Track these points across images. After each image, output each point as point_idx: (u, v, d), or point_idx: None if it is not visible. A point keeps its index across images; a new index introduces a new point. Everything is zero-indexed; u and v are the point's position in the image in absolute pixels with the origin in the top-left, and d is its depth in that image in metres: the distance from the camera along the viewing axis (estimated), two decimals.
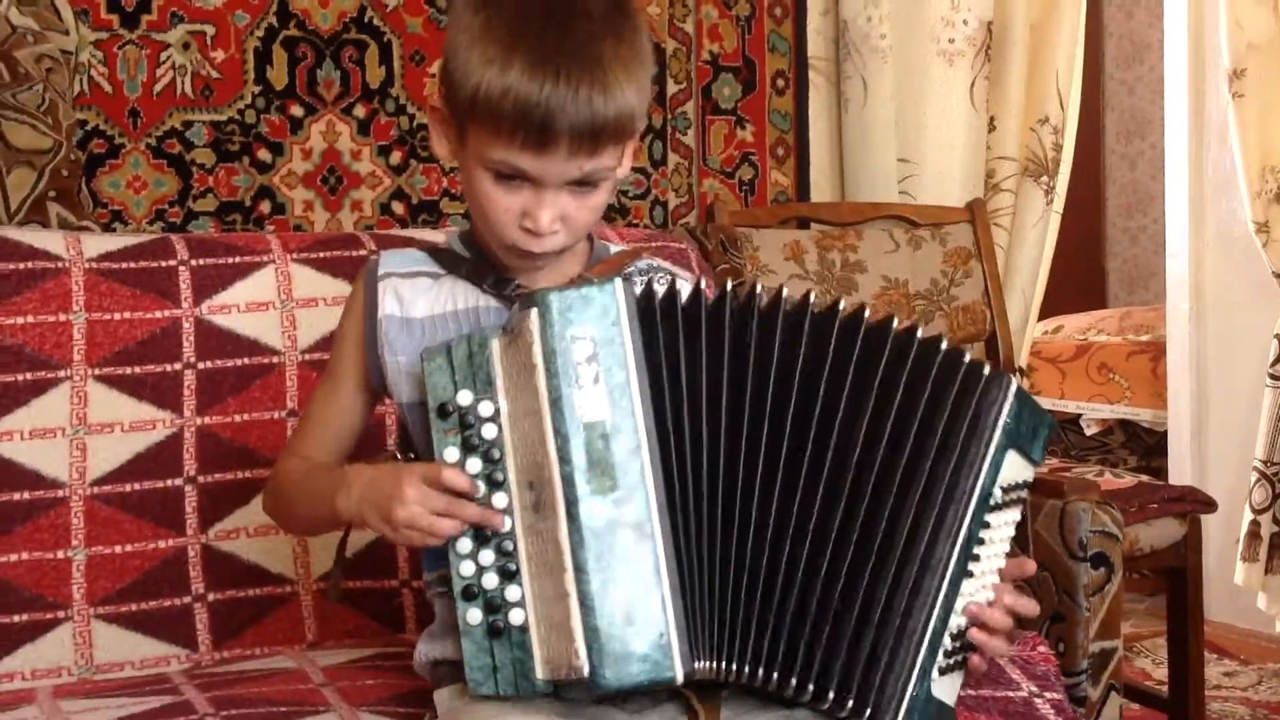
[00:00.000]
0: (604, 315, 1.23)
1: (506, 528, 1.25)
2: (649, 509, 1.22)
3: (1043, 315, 3.57)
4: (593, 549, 1.20)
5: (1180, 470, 3.59)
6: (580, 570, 1.20)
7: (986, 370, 1.28)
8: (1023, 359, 3.13)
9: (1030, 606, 1.33)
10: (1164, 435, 3.76)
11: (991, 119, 3.01)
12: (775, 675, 1.23)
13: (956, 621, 1.27)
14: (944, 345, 1.28)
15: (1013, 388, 1.28)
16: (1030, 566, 1.35)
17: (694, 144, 2.76)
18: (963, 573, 1.26)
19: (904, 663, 1.23)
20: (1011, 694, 1.58)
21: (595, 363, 1.22)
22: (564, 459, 1.21)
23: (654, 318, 1.26)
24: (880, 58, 2.84)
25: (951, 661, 1.27)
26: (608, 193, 1.36)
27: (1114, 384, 4.07)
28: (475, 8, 1.32)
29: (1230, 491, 3.28)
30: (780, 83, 2.83)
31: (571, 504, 1.21)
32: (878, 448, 1.26)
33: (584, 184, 1.32)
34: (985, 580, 1.29)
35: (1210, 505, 2.53)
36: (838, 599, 1.24)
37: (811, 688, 1.23)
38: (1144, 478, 2.65)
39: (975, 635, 1.28)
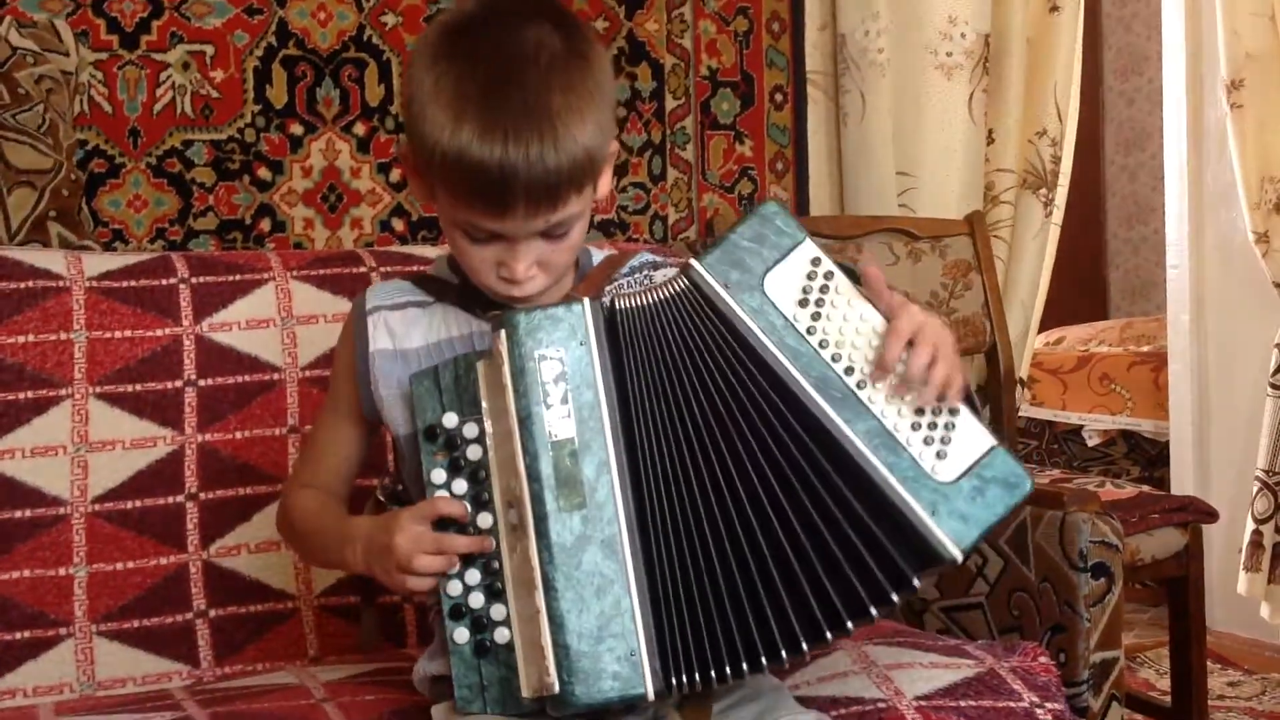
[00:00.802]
0: (571, 335, 1.25)
1: (492, 547, 1.26)
2: (619, 525, 1.23)
3: (1044, 326, 3.57)
4: (562, 566, 1.21)
5: (1182, 480, 3.59)
6: (550, 588, 1.21)
7: (686, 283, 1.29)
8: (1024, 370, 3.13)
9: (906, 321, 1.27)
10: (1166, 445, 3.76)
11: (990, 131, 3.01)
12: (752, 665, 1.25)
13: (900, 412, 1.26)
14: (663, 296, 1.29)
15: (703, 269, 1.28)
16: (871, 271, 1.31)
17: (693, 159, 2.76)
18: (850, 393, 1.26)
19: (897, 507, 1.24)
20: (1013, 704, 1.57)
21: (563, 381, 1.24)
22: (533, 477, 1.23)
23: (622, 334, 1.27)
24: (878, 71, 2.85)
25: (940, 434, 1.26)
26: (583, 230, 1.36)
27: (1116, 395, 4.07)
28: (428, 63, 1.30)
29: (1232, 501, 3.29)
30: (779, 97, 2.84)
31: (540, 521, 1.22)
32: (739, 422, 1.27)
33: (555, 233, 1.32)
34: (866, 352, 1.27)
35: (1211, 515, 2.53)
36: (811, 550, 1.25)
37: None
38: (1145, 488, 2.65)
39: (922, 396, 1.26)
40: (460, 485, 1.27)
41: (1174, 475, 3.65)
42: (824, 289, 1.29)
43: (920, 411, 1.27)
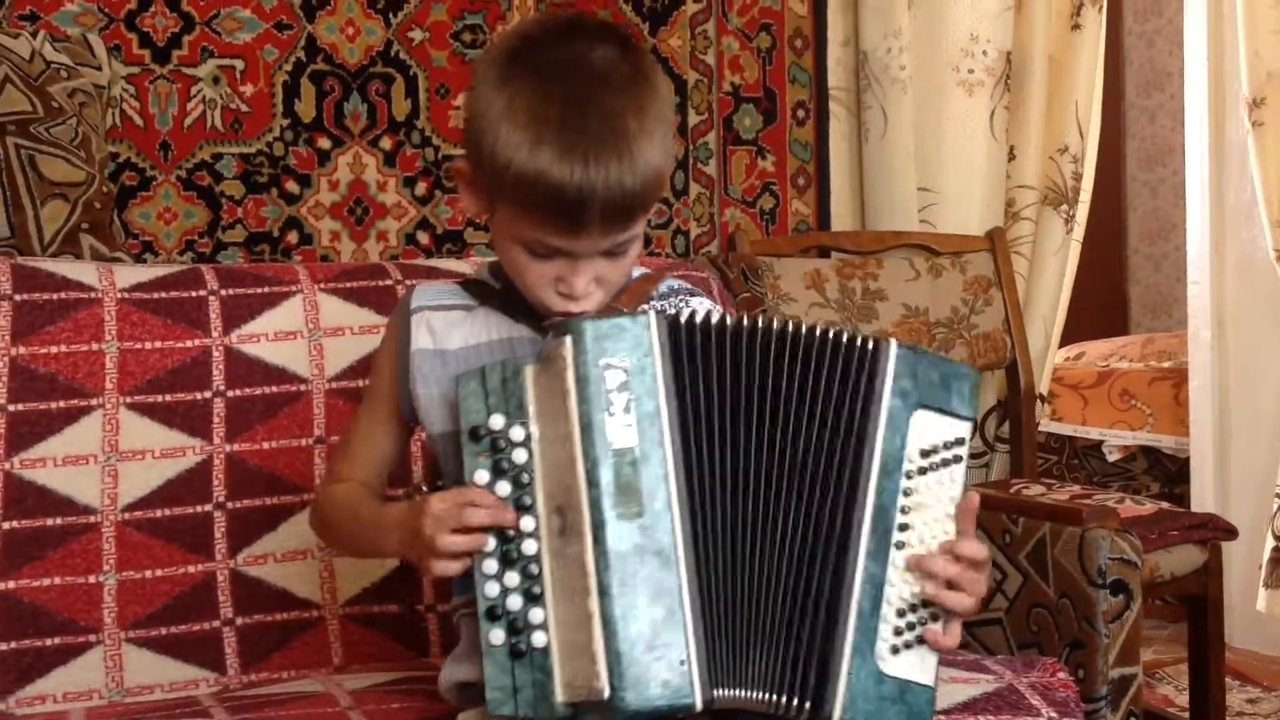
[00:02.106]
0: (636, 346, 1.26)
1: (532, 551, 1.27)
2: (674, 535, 1.24)
3: (1065, 342, 3.58)
4: (617, 572, 1.22)
5: (1202, 497, 3.58)
6: (605, 593, 1.22)
7: (860, 342, 1.31)
8: (1044, 386, 3.14)
9: (974, 548, 1.32)
10: (1186, 462, 3.75)
11: (1011, 148, 3.02)
12: (788, 698, 1.26)
13: (901, 594, 1.30)
14: (819, 331, 1.31)
15: (892, 351, 1.31)
16: (974, 498, 1.34)
17: (715, 174, 2.78)
18: (886, 545, 1.29)
19: (836, 648, 1.27)
20: None
21: (626, 391, 1.25)
22: (592, 483, 1.23)
23: (684, 348, 1.28)
24: (900, 88, 2.87)
25: (907, 638, 1.30)
26: (639, 246, 1.39)
27: (1136, 410, 4.07)
28: (496, 83, 1.32)
29: (1253, 518, 3.28)
30: (801, 113, 2.86)
31: (598, 527, 1.23)
32: (797, 453, 1.29)
33: (617, 250, 1.35)
34: (925, 548, 1.31)
35: (1231, 533, 2.53)
36: (799, 605, 1.28)
37: (793, 700, 1.27)
38: (1165, 505, 2.66)
39: (928, 592, 1.29)
40: (504, 487, 1.28)
41: (1194, 492, 3.65)
42: (945, 463, 1.33)
43: (913, 609, 1.31)
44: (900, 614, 1.29)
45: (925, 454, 1.31)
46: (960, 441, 1.33)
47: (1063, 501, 2.36)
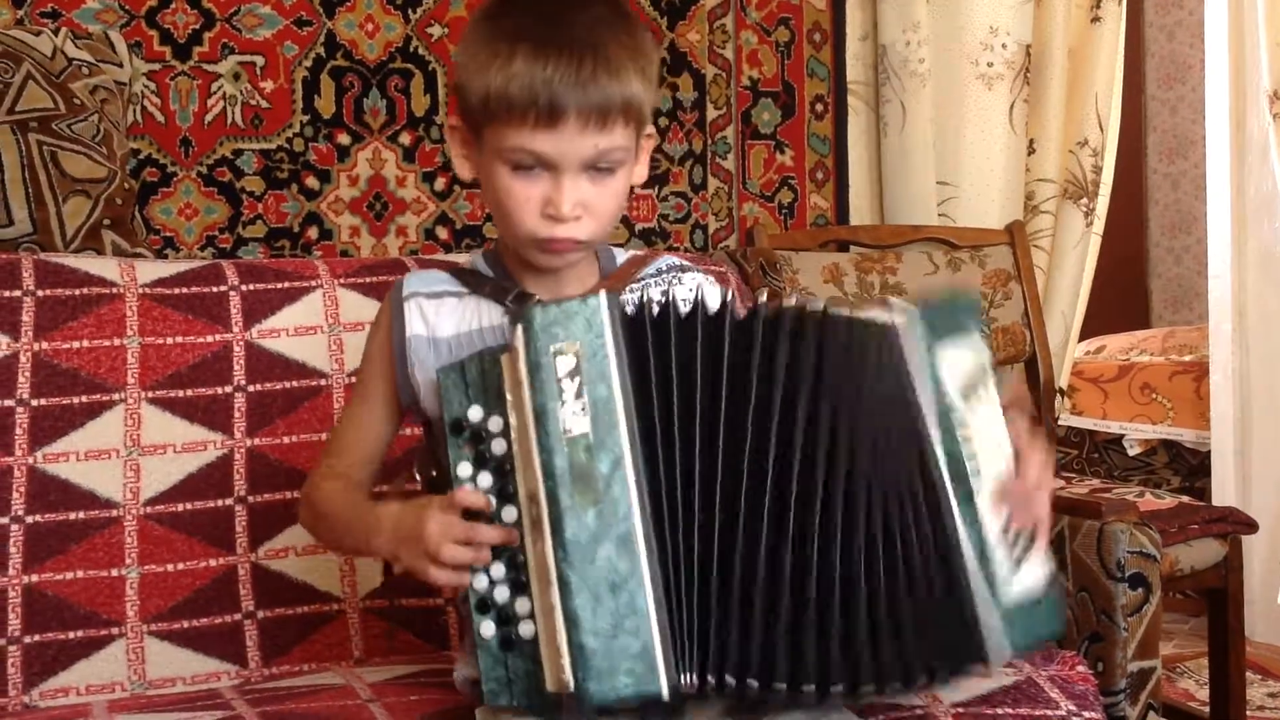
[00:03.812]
0: (588, 329, 1.24)
1: (518, 540, 1.26)
2: (633, 522, 1.22)
3: (1085, 335, 3.57)
4: (576, 564, 1.21)
5: (1223, 491, 3.57)
6: (565, 585, 1.21)
7: (877, 317, 1.31)
8: (1063, 380, 3.13)
9: (1034, 461, 1.34)
10: (1207, 455, 3.74)
11: (1031, 141, 3.02)
12: (783, 684, 1.24)
13: (995, 527, 1.31)
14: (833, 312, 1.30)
15: (914, 319, 1.32)
16: (1017, 388, 1.38)
17: (734, 168, 2.79)
18: (967, 490, 1.30)
19: (969, 606, 1.28)
20: (1050, 713, 1.58)
21: (578, 376, 1.24)
22: (548, 473, 1.22)
23: (641, 329, 1.27)
24: (919, 82, 2.86)
25: (1017, 554, 1.31)
26: (625, 181, 1.39)
27: (1157, 404, 4.06)
28: (478, 21, 1.38)
29: (1274, 512, 3.27)
30: (819, 107, 2.86)
31: (556, 519, 1.22)
32: (815, 432, 1.28)
33: (600, 168, 1.35)
34: (993, 470, 1.32)
35: (1251, 526, 2.53)
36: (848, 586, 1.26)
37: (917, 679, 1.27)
38: (1185, 498, 2.65)
39: (1016, 521, 1.32)
40: (485, 479, 1.27)
41: (1215, 485, 3.64)
42: (984, 387, 1.34)
43: (1006, 530, 1.32)
44: (1002, 541, 1.31)
45: (965, 394, 1.32)
46: (986, 360, 1.35)
47: (1082, 495, 2.36)
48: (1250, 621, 2.67)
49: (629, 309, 1.28)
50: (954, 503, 1.30)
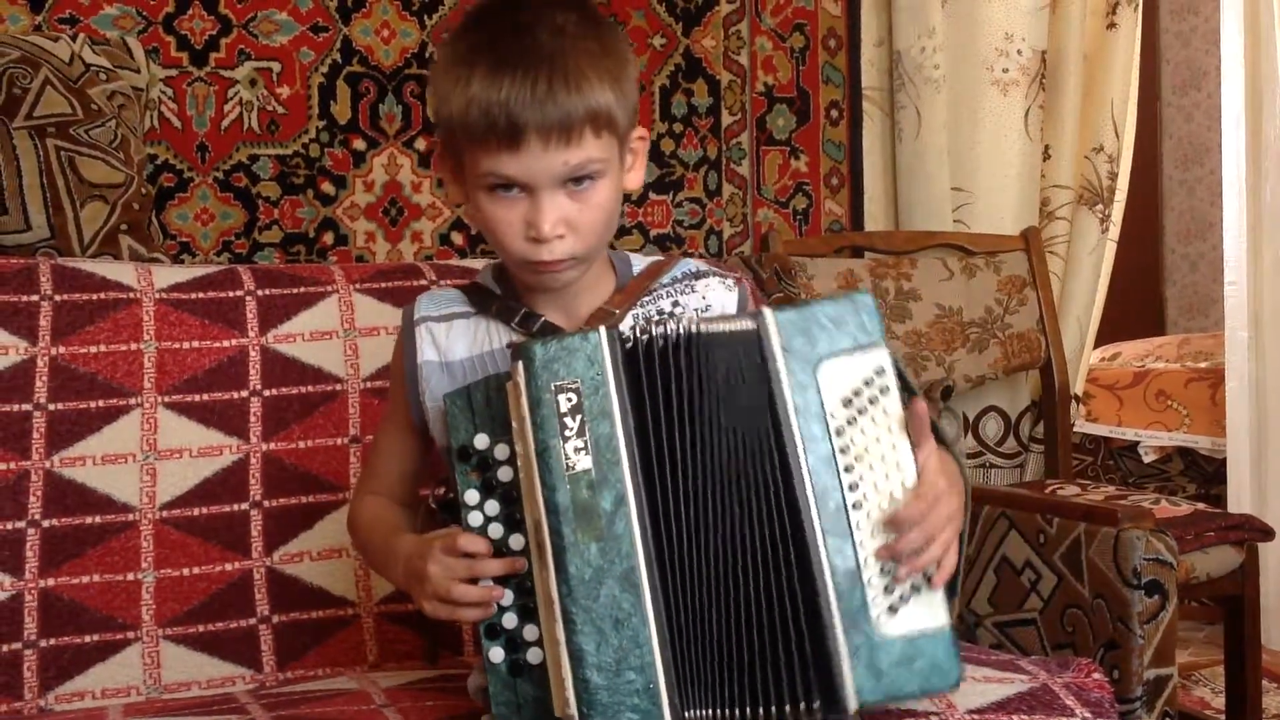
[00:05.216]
0: (589, 365, 1.24)
1: (524, 568, 1.27)
2: (637, 558, 1.22)
3: (1100, 342, 3.56)
4: (580, 600, 1.21)
5: (1239, 498, 3.56)
6: (569, 621, 1.21)
7: (738, 326, 1.27)
8: (1078, 387, 3.13)
9: (928, 476, 1.27)
10: (1223, 463, 3.73)
11: (1046, 148, 3.01)
12: (792, 706, 1.24)
13: (871, 551, 1.24)
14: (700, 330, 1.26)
15: (770, 322, 1.26)
16: (919, 406, 1.30)
17: (749, 174, 2.79)
18: (842, 513, 1.24)
19: (828, 638, 1.23)
20: None
21: (580, 413, 1.23)
22: (551, 509, 1.22)
23: (641, 362, 1.26)
24: (934, 88, 2.86)
25: (903, 591, 1.25)
26: (610, 191, 1.35)
27: (1172, 411, 4.05)
28: (444, 44, 1.37)
29: None
30: (834, 113, 2.86)
31: (559, 554, 1.22)
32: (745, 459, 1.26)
33: (578, 181, 1.32)
34: (885, 488, 1.26)
35: (1268, 534, 2.52)
36: (776, 610, 1.24)
37: (798, 705, 1.24)
38: (1201, 505, 2.64)
39: (900, 549, 1.25)
40: (493, 506, 1.28)
41: (1231, 493, 3.62)
42: (873, 401, 1.27)
43: (895, 561, 1.26)
44: (885, 572, 1.25)
45: (848, 403, 1.26)
46: (880, 371, 1.28)
47: (1098, 502, 2.35)
48: (1266, 629, 2.66)
49: (628, 345, 1.26)
50: (815, 514, 1.24)
